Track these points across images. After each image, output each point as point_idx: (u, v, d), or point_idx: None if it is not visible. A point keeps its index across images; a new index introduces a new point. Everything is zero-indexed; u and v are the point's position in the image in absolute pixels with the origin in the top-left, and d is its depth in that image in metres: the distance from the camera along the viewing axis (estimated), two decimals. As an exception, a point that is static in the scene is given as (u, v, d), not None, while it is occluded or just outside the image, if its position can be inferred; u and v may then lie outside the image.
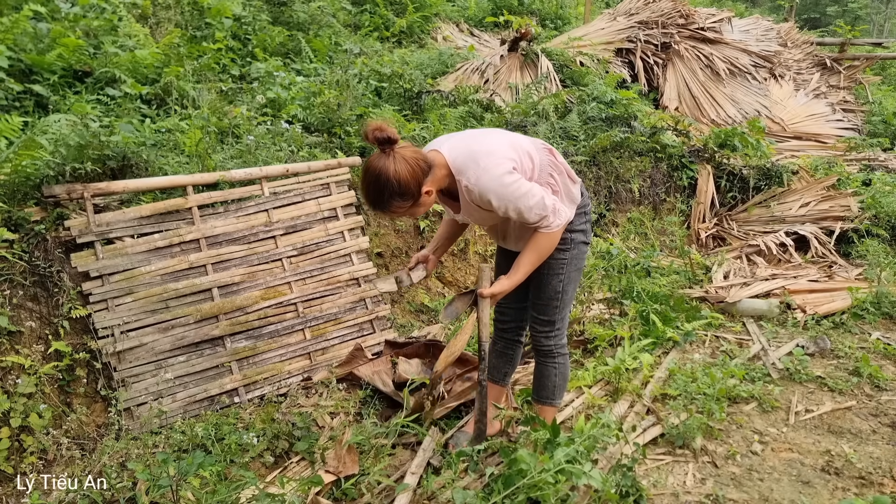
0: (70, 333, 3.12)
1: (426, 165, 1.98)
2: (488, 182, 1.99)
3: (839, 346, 3.63)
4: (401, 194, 1.94)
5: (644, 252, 4.64)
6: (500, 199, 2.01)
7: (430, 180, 2.00)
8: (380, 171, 1.92)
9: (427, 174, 1.98)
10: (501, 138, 2.13)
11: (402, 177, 1.91)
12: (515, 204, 2.02)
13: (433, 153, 2.07)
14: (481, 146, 2.07)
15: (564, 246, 2.27)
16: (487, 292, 2.21)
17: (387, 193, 1.93)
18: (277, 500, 2.12)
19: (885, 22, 25.56)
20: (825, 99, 8.73)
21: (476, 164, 2.01)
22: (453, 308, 2.29)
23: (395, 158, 1.92)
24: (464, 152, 2.05)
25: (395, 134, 1.92)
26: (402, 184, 1.92)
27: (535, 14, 9.71)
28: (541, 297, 2.36)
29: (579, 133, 5.61)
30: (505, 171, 2.00)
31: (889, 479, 2.44)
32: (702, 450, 2.68)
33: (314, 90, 4.96)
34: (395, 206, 1.98)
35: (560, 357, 2.46)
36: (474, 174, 2.00)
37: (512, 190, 2.00)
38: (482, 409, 2.49)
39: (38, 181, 3.22)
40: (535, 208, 2.04)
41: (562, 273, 2.30)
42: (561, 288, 2.32)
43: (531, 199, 2.03)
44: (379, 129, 1.90)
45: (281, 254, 3.70)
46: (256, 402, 3.33)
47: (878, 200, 5.46)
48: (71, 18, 4.84)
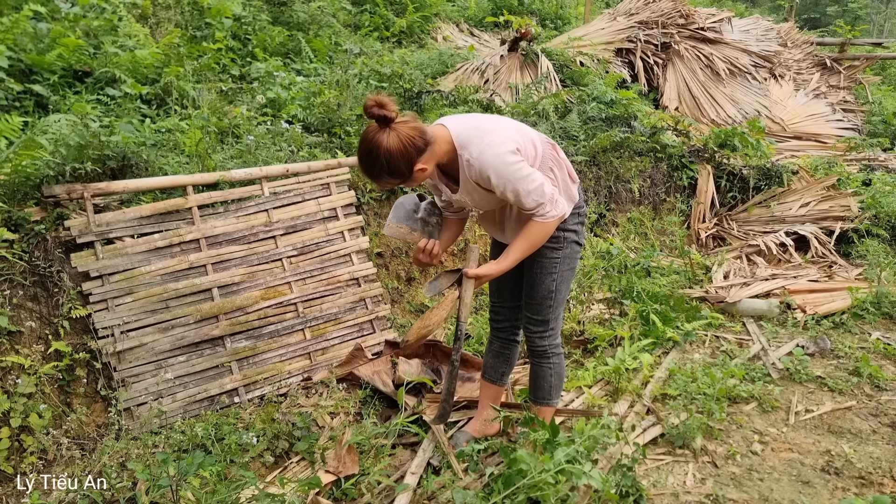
0: (70, 333, 3.12)
1: (422, 143, 1.99)
2: (491, 158, 2.00)
3: (839, 346, 3.63)
4: (390, 172, 1.99)
5: (644, 252, 4.64)
6: (499, 176, 2.00)
7: (426, 157, 2.01)
8: (371, 146, 1.95)
9: (422, 153, 1.99)
10: (508, 122, 2.15)
11: (393, 156, 1.94)
12: (514, 185, 2.01)
13: (438, 127, 2.09)
14: (487, 124, 2.08)
15: (557, 244, 2.27)
16: (473, 272, 2.22)
17: (376, 168, 1.99)
18: (277, 500, 2.12)
19: (885, 22, 25.56)
20: (825, 99, 8.73)
21: (480, 140, 2.02)
22: (437, 283, 2.31)
23: (388, 135, 1.94)
24: (469, 127, 2.07)
25: (392, 112, 1.93)
26: (392, 163, 1.96)
27: (535, 14, 9.71)
28: (534, 296, 2.36)
29: (579, 133, 5.61)
30: (508, 150, 2.01)
31: (889, 479, 2.44)
32: (702, 450, 2.68)
33: (314, 90, 4.96)
34: (385, 181, 2.04)
35: (555, 357, 2.45)
36: (477, 149, 2.01)
37: (513, 170, 2.00)
38: (449, 390, 2.52)
39: (38, 181, 3.22)
40: (533, 193, 2.04)
41: (555, 272, 2.30)
42: (554, 287, 2.32)
43: (531, 183, 2.03)
44: (378, 105, 1.92)
45: (281, 254, 3.70)
46: (256, 402, 3.33)
47: (878, 200, 5.46)
48: (71, 18, 4.84)
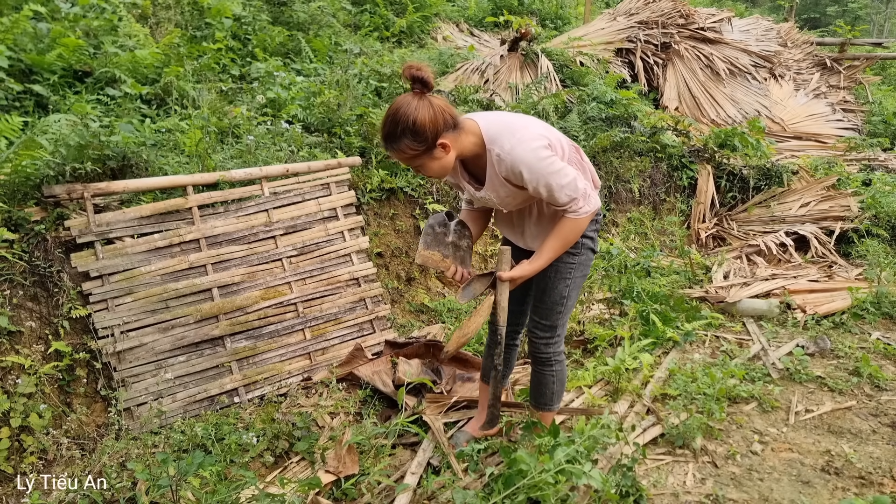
0: (70, 333, 3.12)
1: (451, 120, 1.96)
2: (523, 153, 1.96)
3: (839, 346, 3.63)
4: (414, 133, 1.89)
5: (644, 252, 4.64)
6: (532, 171, 1.96)
7: (451, 136, 1.96)
8: (401, 106, 1.90)
9: (449, 128, 1.95)
10: (537, 120, 2.13)
11: (421, 117, 1.88)
12: (547, 180, 1.97)
13: (467, 120, 2.05)
14: (518, 120, 2.06)
15: (575, 250, 2.24)
16: (507, 275, 2.18)
17: (401, 127, 1.89)
18: (277, 500, 2.12)
19: (885, 22, 25.55)
20: (825, 99, 8.73)
21: (511, 135, 1.99)
22: (471, 289, 2.25)
23: (421, 99, 1.90)
24: (499, 122, 2.04)
25: (431, 79, 1.90)
26: (419, 123, 1.88)
27: (535, 14, 9.71)
28: (545, 301, 2.32)
29: (579, 133, 5.61)
30: (541, 144, 1.98)
31: (889, 479, 2.44)
32: (702, 450, 2.68)
33: (314, 90, 4.96)
34: (405, 144, 1.92)
35: (557, 364, 2.43)
36: (509, 143, 1.97)
37: (546, 164, 1.96)
38: (496, 395, 2.49)
39: (38, 181, 3.22)
40: (566, 188, 2.00)
41: (569, 278, 2.28)
42: (567, 293, 2.29)
43: (563, 177, 1.99)
44: (417, 69, 1.88)
45: (281, 254, 3.70)
46: (256, 402, 3.33)
47: (878, 200, 5.46)
48: (71, 18, 4.84)
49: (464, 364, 3.37)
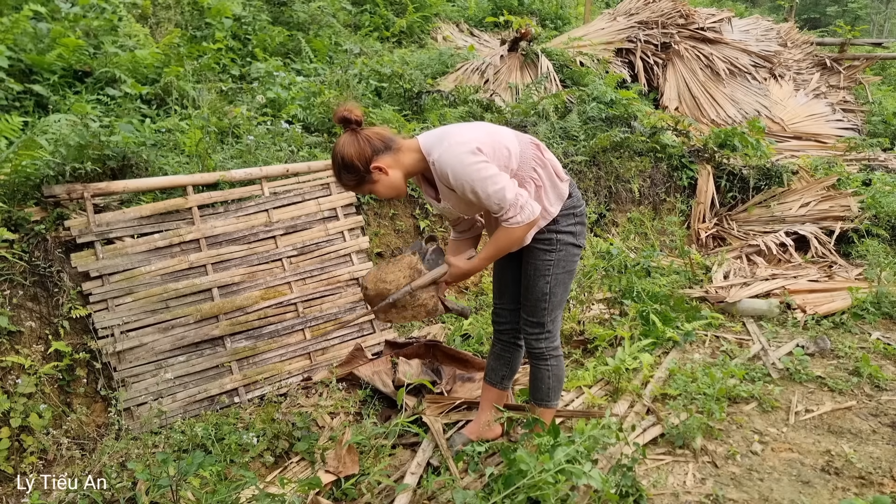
0: (70, 333, 3.12)
1: (381, 144, 2.06)
2: (449, 158, 2.01)
3: (839, 346, 3.63)
4: (346, 167, 2.06)
5: (644, 252, 4.64)
6: (456, 176, 2.00)
7: (387, 158, 2.07)
8: (335, 147, 2.08)
9: (379, 152, 2.06)
10: (479, 127, 2.14)
11: (347, 152, 2.03)
12: (472, 185, 1.99)
13: (410, 139, 2.15)
14: (454, 129, 2.11)
15: (549, 247, 2.25)
16: (452, 260, 2.24)
17: (336, 166, 2.08)
18: (277, 500, 2.12)
19: (885, 22, 25.55)
20: (825, 99, 8.73)
21: (441, 142, 2.05)
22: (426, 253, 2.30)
23: (350, 135, 2.05)
24: (435, 134, 2.12)
25: (353, 115, 2.04)
26: (347, 158, 2.04)
27: (535, 14, 9.71)
28: (529, 298, 2.35)
29: (579, 133, 5.61)
30: (467, 149, 1.99)
31: (889, 479, 2.44)
32: (702, 450, 2.68)
33: (314, 90, 4.96)
34: (345, 178, 2.10)
35: (552, 359, 2.44)
36: (438, 151, 2.04)
37: (471, 170, 1.98)
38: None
39: (38, 181, 3.22)
40: (493, 196, 1.99)
41: (548, 275, 2.28)
42: (548, 290, 2.30)
43: (491, 185, 1.98)
44: (345, 110, 2.04)
45: (281, 254, 3.70)
46: (256, 402, 3.33)
47: (878, 200, 5.46)
48: (71, 18, 4.84)
49: (464, 364, 3.37)
